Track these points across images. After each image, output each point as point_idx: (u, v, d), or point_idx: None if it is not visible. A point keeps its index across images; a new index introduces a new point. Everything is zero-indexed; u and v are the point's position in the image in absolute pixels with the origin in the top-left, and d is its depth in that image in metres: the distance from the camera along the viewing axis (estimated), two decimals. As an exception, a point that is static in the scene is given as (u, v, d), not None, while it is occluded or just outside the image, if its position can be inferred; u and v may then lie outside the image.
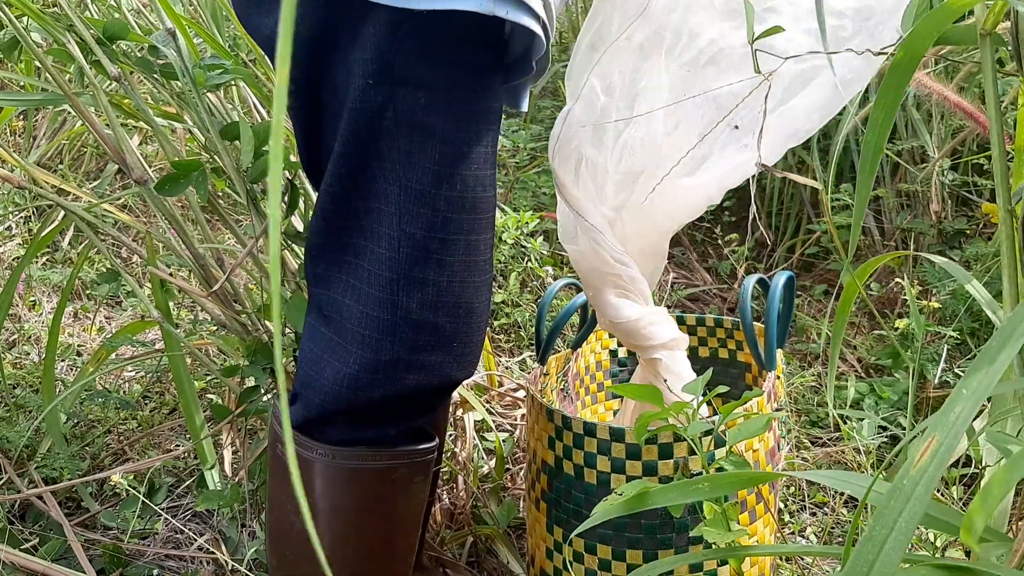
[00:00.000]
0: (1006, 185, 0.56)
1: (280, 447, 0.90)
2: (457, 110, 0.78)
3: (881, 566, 0.31)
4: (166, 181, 1.06)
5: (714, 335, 1.33)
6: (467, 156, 0.79)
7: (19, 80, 1.45)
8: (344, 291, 0.83)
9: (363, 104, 0.77)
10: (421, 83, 0.76)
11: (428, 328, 0.81)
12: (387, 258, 0.79)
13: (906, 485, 0.32)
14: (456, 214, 0.79)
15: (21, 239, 2.27)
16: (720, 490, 0.64)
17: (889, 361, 1.72)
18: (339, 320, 0.84)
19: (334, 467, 0.86)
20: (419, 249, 0.79)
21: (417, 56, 0.76)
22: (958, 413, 0.33)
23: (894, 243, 2.06)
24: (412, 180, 0.78)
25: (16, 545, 1.21)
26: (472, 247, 0.82)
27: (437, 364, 0.83)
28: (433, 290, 0.80)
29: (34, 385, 1.69)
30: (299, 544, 0.89)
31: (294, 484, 0.93)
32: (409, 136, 0.77)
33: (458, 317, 0.83)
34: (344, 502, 0.87)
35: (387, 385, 0.82)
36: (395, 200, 0.78)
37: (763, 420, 0.73)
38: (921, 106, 1.95)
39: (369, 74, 0.76)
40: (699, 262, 2.30)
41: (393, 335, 0.81)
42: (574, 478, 0.97)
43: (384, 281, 0.80)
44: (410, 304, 0.80)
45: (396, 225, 0.79)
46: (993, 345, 0.35)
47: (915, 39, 0.58)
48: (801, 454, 1.48)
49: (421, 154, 0.77)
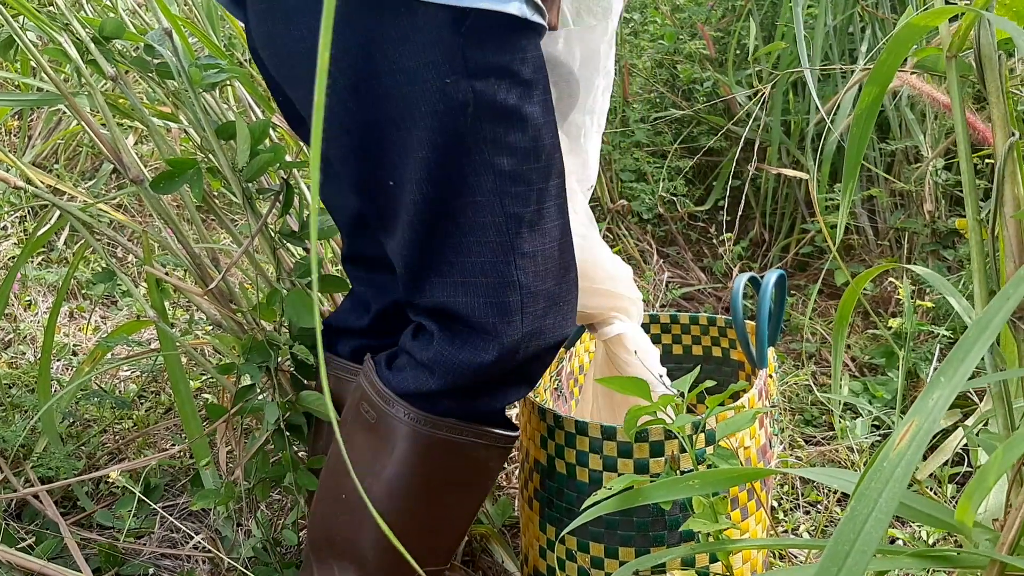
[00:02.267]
0: (974, 196, 0.58)
1: (367, 407, 0.92)
2: (526, 87, 0.81)
3: (862, 544, 0.31)
4: (161, 179, 1.06)
5: (707, 333, 1.34)
6: (542, 127, 0.83)
7: (14, 79, 1.45)
8: (455, 291, 0.85)
9: (446, 104, 0.79)
10: (493, 70, 0.79)
11: (543, 296, 0.86)
12: (498, 244, 0.83)
13: (886, 467, 0.33)
14: (545, 183, 0.84)
15: (16, 239, 2.27)
16: (710, 487, 0.65)
17: (883, 360, 1.73)
18: (462, 316, 0.86)
19: (428, 437, 0.89)
20: (524, 225, 0.83)
21: (484, 46, 0.79)
22: (936, 399, 0.34)
23: (888, 242, 2.06)
24: (504, 163, 0.81)
25: (12, 544, 1.21)
26: (561, 209, 0.87)
27: (551, 327, 0.88)
28: (541, 259, 0.85)
29: (30, 385, 1.69)
30: (355, 507, 0.92)
31: (383, 447, 0.92)
32: (493, 123, 0.80)
33: (561, 277, 0.88)
34: (420, 472, 0.90)
35: (514, 359, 0.86)
36: (491, 188, 0.82)
37: (750, 415, 0.73)
38: (915, 106, 1.96)
39: (445, 74, 0.78)
40: (694, 261, 2.31)
41: (520, 314, 0.85)
42: (566, 477, 0.98)
43: (501, 266, 0.83)
44: (525, 279, 0.84)
45: (499, 210, 0.82)
46: (970, 336, 0.36)
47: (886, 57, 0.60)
48: (795, 452, 1.49)
49: (506, 136, 0.81)
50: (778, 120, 2.19)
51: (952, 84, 0.63)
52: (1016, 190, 0.58)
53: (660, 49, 2.60)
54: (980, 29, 0.60)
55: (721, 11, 2.57)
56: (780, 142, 2.23)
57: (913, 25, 0.59)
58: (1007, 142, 0.57)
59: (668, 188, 2.35)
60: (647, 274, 2.11)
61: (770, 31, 2.40)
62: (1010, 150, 0.58)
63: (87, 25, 1.06)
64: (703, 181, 2.55)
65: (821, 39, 2.08)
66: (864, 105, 0.64)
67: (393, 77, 0.79)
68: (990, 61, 0.60)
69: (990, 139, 0.65)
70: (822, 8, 2.08)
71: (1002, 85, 0.60)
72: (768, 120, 2.23)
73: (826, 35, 2.12)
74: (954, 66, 0.63)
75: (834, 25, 2.14)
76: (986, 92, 0.60)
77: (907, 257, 1.99)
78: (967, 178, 0.60)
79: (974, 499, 0.33)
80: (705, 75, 2.44)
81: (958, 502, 0.36)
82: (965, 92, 1.72)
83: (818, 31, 2.08)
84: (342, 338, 1.09)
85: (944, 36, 0.62)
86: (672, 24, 2.63)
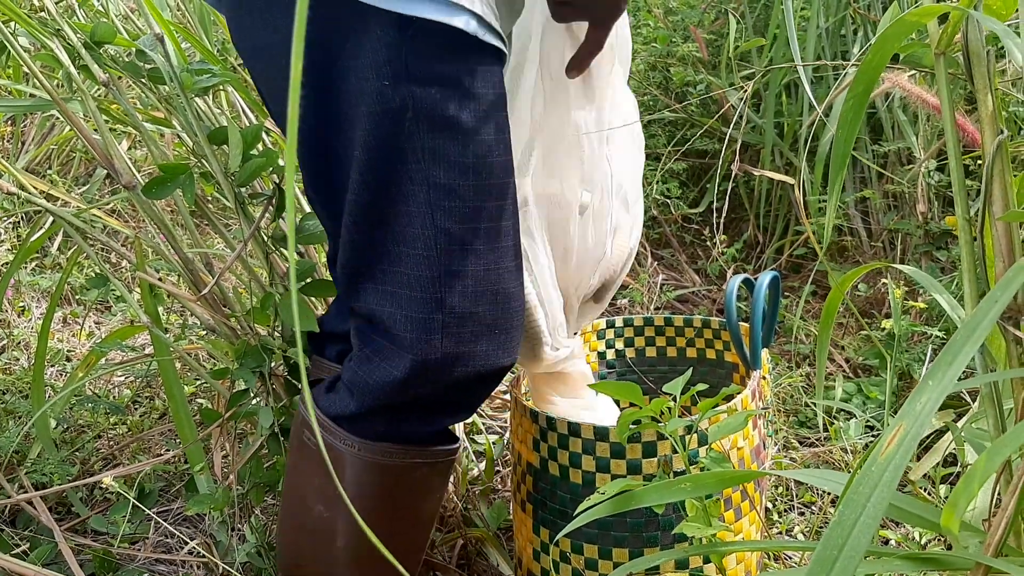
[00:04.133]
0: (964, 195, 0.58)
1: (308, 435, 0.91)
2: (473, 101, 0.79)
3: (850, 548, 0.31)
4: (153, 184, 1.06)
5: (701, 336, 1.34)
6: (488, 144, 0.80)
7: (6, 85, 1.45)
8: (382, 300, 0.84)
9: (382, 107, 0.78)
10: (436, 79, 0.77)
11: (472, 320, 0.83)
12: (424, 257, 0.81)
13: (874, 471, 0.33)
14: (484, 202, 0.81)
15: (9, 244, 2.27)
16: (703, 489, 0.65)
17: (876, 361, 1.74)
18: (384, 326, 0.84)
19: (361, 460, 0.87)
20: (455, 242, 0.80)
21: (430, 53, 0.77)
22: (924, 403, 0.34)
23: (881, 244, 2.07)
24: (439, 175, 0.79)
25: (6, 550, 1.21)
26: (503, 232, 0.84)
27: (483, 353, 0.84)
28: (472, 281, 0.82)
29: (23, 390, 1.69)
30: (316, 530, 0.91)
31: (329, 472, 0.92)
32: (431, 132, 0.78)
33: (497, 303, 0.84)
34: (365, 494, 0.89)
35: (436, 381, 0.84)
36: (424, 199, 0.79)
37: (742, 416, 0.74)
38: (907, 108, 1.97)
39: (385, 76, 0.77)
40: (688, 263, 2.31)
41: (441, 333, 0.82)
42: (559, 479, 0.98)
43: (425, 281, 0.81)
44: (453, 299, 0.81)
45: (430, 223, 0.80)
46: (958, 339, 0.36)
47: (875, 53, 0.60)
48: (789, 454, 1.49)
49: (445, 148, 0.79)
50: (771, 122, 2.20)
51: (940, 80, 0.63)
52: (1004, 188, 0.58)
53: (653, 52, 2.61)
54: (968, 26, 0.60)
55: (714, 14, 2.58)
56: (773, 144, 2.24)
57: (903, 22, 0.59)
58: (995, 140, 0.57)
59: (662, 190, 2.35)
60: (641, 276, 2.11)
61: (762, 33, 2.41)
62: (998, 148, 0.58)
63: (78, 30, 1.06)
64: (697, 183, 2.56)
65: (813, 41, 2.09)
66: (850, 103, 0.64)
67: (344, 74, 0.79)
68: (978, 58, 0.60)
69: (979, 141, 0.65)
70: (814, 10, 2.09)
71: (990, 82, 0.60)
72: (761, 122, 2.24)
73: (818, 37, 2.12)
74: (942, 63, 0.63)
75: (826, 27, 2.15)
76: (974, 89, 0.60)
77: (900, 258, 2.00)
78: (956, 176, 0.60)
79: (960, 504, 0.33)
80: (698, 78, 2.44)
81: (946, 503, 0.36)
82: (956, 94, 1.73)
83: (810, 33, 2.08)
84: (329, 342, 1.09)
85: (932, 33, 0.63)
86: (665, 27, 2.64)
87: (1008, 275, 0.43)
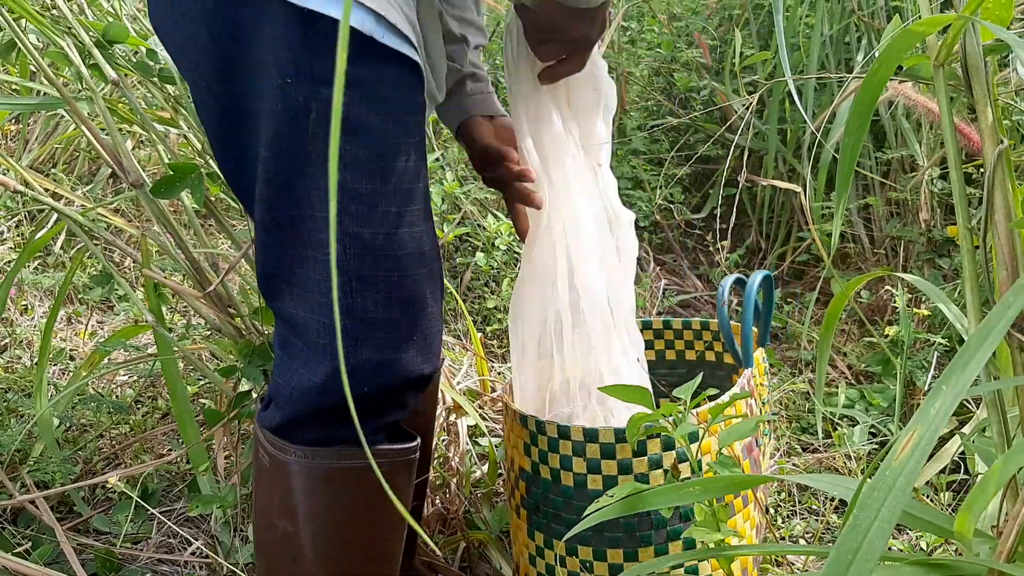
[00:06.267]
0: (964, 205, 0.59)
1: (262, 452, 0.89)
2: (381, 104, 0.77)
3: (864, 554, 0.32)
4: (162, 184, 1.06)
5: (700, 338, 1.35)
6: (397, 149, 0.78)
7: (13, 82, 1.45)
8: (297, 304, 0.82)
9: (285, 104, 0.76)
10: (344, 80, 0.75)
11: (386, 326, 0.81)
12: (335, 263, 0.78)
13: (888, 476, 0.34)
14: (395, 207, 0.79)
15: (12, 242, 2.27)
16: (711, 493, 0.65)
17: (879, 368, 1.74)
18: (300, 332, 0.83)
19: (311, 468, 0.85)
20: (365, 248, 0.78)
21: (334, 53, 0.74)
22: (938, 408, 0.34)
23: (884, 251, 2.07)
24: (346, 179, 0.77)
25: (8, 549, 1.20)
26: (416, 238, 0.81)
27: (400, 360, 0.83)
28: (385, 286, 0.80)
29: (26, 389, 1.69)
30: (284, 547, 0.89)
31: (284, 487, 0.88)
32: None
33: (412, 310, 0.82)
34: (324, 503, 0.86)
35: (354, 387, 0.82)
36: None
37: (752, 423, 0.74)
38: (910, 116, 1.97)
39: (287, 74, 0.75)
40: (690, 269, 2.31)
41: (354, 339, 0.80)
42: (551, 482, 0.98)
43: (336, 286, 0.79)
44: (365, 304, 0.79)
45: (337, 228, 0.77)
46: (970, 344, 0.36)
47: (880, 63, 0.60)
48: (792, 460, 1.49)
49: (352, 152, 0.77)
50: (774, 128, 2.20)
51: (940, 92, 0.64)
52: (1006, 197, 0.58)
53: (657, 57, 2.62)
54: (967, 38, 0.60)
55: (718, 20, 2.59)
56: (776, 150, 2.24)
57: (907, 33, 0.60)
58: (996, 149, 0.58)
59: (665, 195, 2.36)
60: (644, 281, 2.11)
61: (767, 40, 2.41)
62: (999, 158, 0.58)
63: (90, 29, 1.06)
64: (700, 189, 2.56)
65: (817, 48, 2.10)
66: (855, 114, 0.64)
67: (250, 70, 0.77)
68: (976, 70, 0.61)
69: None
70: (818, 18, 2.09)
71: (989, 93, 0.60)
72: (765, 128, 2.24)
73: (822, 44, 2.13)
74: (942, 75, 0.63)
75: (830, 35, 2.16)
76: (973, 100, 0.60)
77: (903, 265, 2.00)
78: (957, 186, 0.60)
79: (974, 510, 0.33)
80: (702, 83, 2.45)
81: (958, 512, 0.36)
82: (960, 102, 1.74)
83: (814, 40, 2.09)
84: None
85: (932, 45, 0.63)
86: (669, 33, 2.65)
87: (1020, 283, 0.43)
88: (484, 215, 2.15)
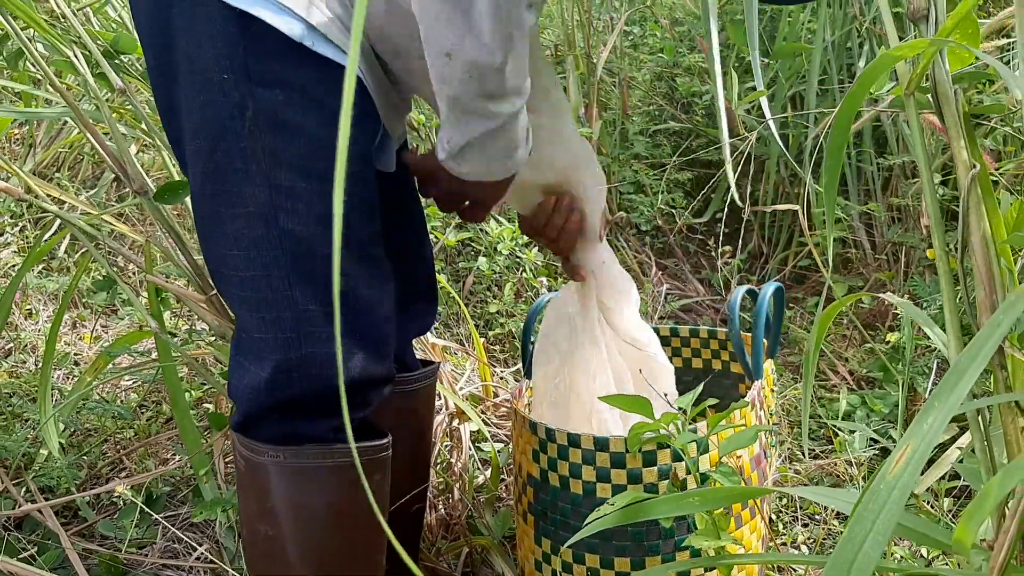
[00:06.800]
0: (941, 228, 0.60)
1: (238, 455, 0.89)
2: (319, 107, 0.78)
3: (859, 565, 0.32)
4: (165, 190, 1.07)
5: (707, 347, 1.35)
6: (335, 151, 0.78)
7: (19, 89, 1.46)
8: (242, 302, 0.83)
9: (222, 98, 0.77)
10: (278, 81, 0.76)
11: (330, 322, 0.81)
12: (272, 258, 0.79)
13: (882, 490, 0.34)
14: (332, 208, 0.79)
15: (17, 247, 2.28)
16: (711, 504, 0.66)
17: (880, 374, 1.74)
18: (244, 327, 0.83)
19: (283, 467, 0.85)
20: (302, 245, 0.79)
21: (270, 54, 0.76)
22: (930, 424, 0.35)
23: (885, 256, 2.08)
24: (281, 178, 0.78)
25: (13, 555, 1.21)
26: (354, 239, 0.82)
27: (349, 359, 0.83)
28: (324, 284, 0.80)
29: (31, 394, 1.69)
30: (267, 551, 0.89)
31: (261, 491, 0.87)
32: (273, 134, 0.77)
33: (359, 311, 0.83)
34: (299, 502, 0.86)
35: (304, 381, 0.82)
36: (267, 201, 0.78)
37: (752, 432, 0.74)
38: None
39: (224, 69, 0.76)
40: (692, 273, 2.32)
41: (297, 332, 0.81)
42: (560, 489, 0.98)
43: (275, 282, 0.80)
44: (307, 300, 0.80)
45: (274, 225, 0.78)
46: (962, 360, 0.37)
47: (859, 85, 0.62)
48: (794, 466, 1.50)
49: (288, 151, 0.77)
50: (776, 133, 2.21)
51: (912, 119, 0.66)
52: (980, 220, 0.60)
53: (659, 62, 2.62)
54: (935, 67, 0.62)
55: (720, 24, 2.59)
56: (779, 155, 2.25)
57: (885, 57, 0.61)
58: (969, 174, 0.59)
59: (667, 200, 2.36)
60: (646, 286, 2.12)
61: (770, 44, 2.42)
62: (972, 182, 0.60)
63: (98, 38, 1.07)
64: (701, 193, 2.57)
65: (819, 54, 2.10)
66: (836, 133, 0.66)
67: (188, 60, 0.78)
68: (946, 98, 0.62)
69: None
70: (820, 24, 2.10)
71: (960, 120, 0.62)
72: (767, 133, 2.25)
73: (824, 50, 2.13)
74: (912, 103, 0.65)
75: (832, 40, 2.16)
76: (944, 127, 0.62)
77: (904, 271, 2.00)
78: (932, 209, 0.62)
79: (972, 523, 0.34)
80: (704, 88, 2.45)
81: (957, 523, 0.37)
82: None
83: (817, 46, 2.10)
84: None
85: (902, 74, 0.65)
86: (671, 37, 2.65)
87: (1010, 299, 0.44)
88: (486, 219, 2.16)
